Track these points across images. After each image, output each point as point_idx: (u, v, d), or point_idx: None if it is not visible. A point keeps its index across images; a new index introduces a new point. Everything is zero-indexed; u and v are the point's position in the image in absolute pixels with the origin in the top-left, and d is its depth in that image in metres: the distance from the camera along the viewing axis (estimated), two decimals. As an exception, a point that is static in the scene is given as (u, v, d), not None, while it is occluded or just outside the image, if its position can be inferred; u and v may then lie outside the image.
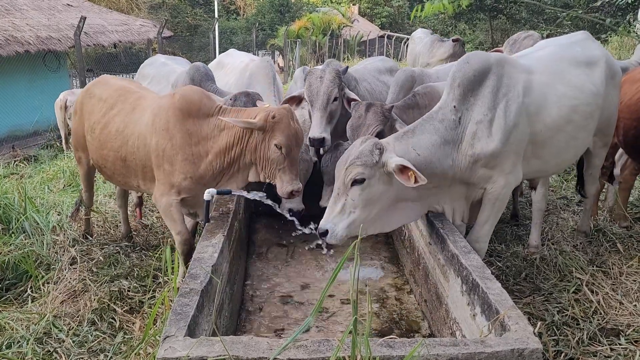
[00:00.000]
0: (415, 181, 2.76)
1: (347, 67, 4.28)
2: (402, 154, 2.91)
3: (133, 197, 4.80)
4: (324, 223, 2.89)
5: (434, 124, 3.11)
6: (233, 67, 5.39)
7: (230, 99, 3.85)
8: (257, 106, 3.76)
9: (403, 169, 2.81)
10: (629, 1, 10.42)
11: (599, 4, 11.30)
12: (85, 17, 11.08)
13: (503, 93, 3.19)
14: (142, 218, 5.02)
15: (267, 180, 3.29)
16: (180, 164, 3.28)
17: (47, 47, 11.56)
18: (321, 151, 4.25)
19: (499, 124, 3.13)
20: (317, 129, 3.93)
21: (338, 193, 2.92)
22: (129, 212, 4.73)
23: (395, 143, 3.00)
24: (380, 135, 3.41)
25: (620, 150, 4.85)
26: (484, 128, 3.12)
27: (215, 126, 3.28)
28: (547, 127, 3.37)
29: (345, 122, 4.07)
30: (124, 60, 18.27)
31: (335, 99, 4.02)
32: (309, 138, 3.96)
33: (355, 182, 2.86)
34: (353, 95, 4.09)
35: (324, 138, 3.91)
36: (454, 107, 3.15)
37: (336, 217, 2.88)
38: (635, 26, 11.02)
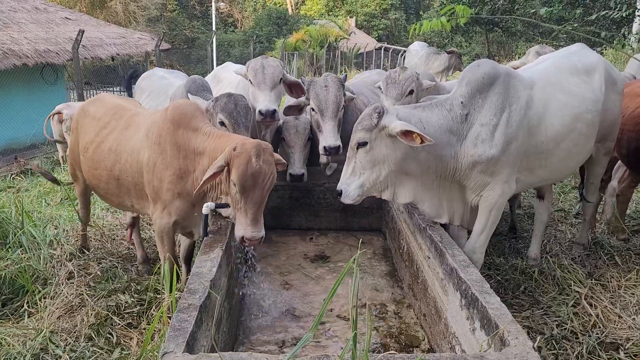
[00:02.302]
0: (422, 142, 2.92)
1: (346, 75, 4.41)
2: (408, 120, 3.07)
3: (127, 216, 4.64)
4: (339, 185, 3.18)
5: (443, 111, 3.22)
6: (229, 82, 5.39)
7: (212, 101, 3.84)
8: (240, 105, 3.76)
9: (407, 133, 2.96)
10: (624, 15, 10.52)
11: (593, 17, 11.41)
12: (84, 31, 11.12)
13: (509, 103, 3.26)
14: (131, 239, 4.62)
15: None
16: (168, 179, 3.22)
17: (45, 60, 11.57)
18: (326, 159, 4.40)
19: (501, 132, 3.19)
20: (333, 137, 4.04)
21: (349, 157, 3.18)
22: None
23: (403, 110, 3.18)
24: None
25: (618, 163, 4.87)
26: (487, 132, 3.19)
27: (201, 142, 3.18)
28: (550, 137, 3.42)
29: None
30: (121, 73, 18.31)
31: (343, 107, 4.16)
32: (324, 147, 4.04)
33: (359, 145, 3.11)
34: (349, 95, 4.27)
35: (339, 146, 4.00)
36: (462, 102, 3.23)
37: (348, 179, 3.17)
38: (629, 40, 11.13)
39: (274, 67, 4.24)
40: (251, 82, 4.24)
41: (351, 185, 3.14)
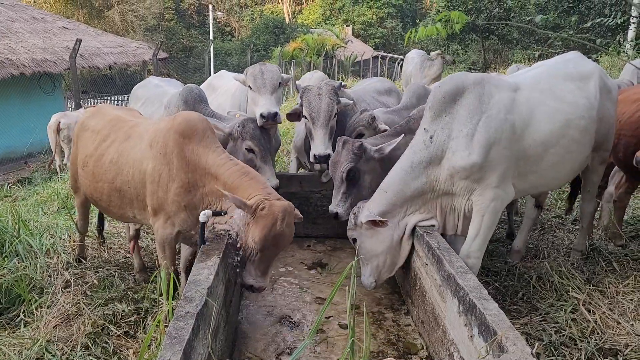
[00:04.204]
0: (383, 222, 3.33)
1: (341, 83, 4.41)
2: (376, 200, 3.41)
3: (130, 229, 4.50)
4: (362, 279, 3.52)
5: (407, 153, 3.44)
6: (225, 90, 5.40)
7: (239, 126, 3.86)
8: (264, 130, 3.87)
9: (372, 221, 3.33)
10: (619, 22, 10.59)
11: (589, 24, 11.49)
12: (81, 40, 11.16)
13: (482, 110, 3.28)
14: (134, 252, 4.50)
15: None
16: (175, 192, 3.19)
17: (42, 69, 11.61)
18: (319, 166, 4.39)
19: (478, 139, 3.23)
20: (322, 146, 4.05)
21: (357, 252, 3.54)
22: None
23: (375, 196, 3.46)
24: (351, 172, 3.69)
25: (614, 169, 4.87)
26: (459, 143, 3.26)
27: (214, 165, 3.13)
28: (538, 142, 3.42)
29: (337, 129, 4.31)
30: (119, 82, 18.35)
31: (335, 115, 4.15)
32: (314, 155, 4.05)
33: (354, 241, 3.53)
34: (344, 101, 4.28)
35: (329, 154, 4.01)
36: (424, 129, 3.39)
37: (363, 269, 3.51)
38: (625, 46, 11.19)
39: (273, 71, 4.28)
40: (251, 88, 4.26)
41: (365, 274, 3.50)
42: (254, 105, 4.21)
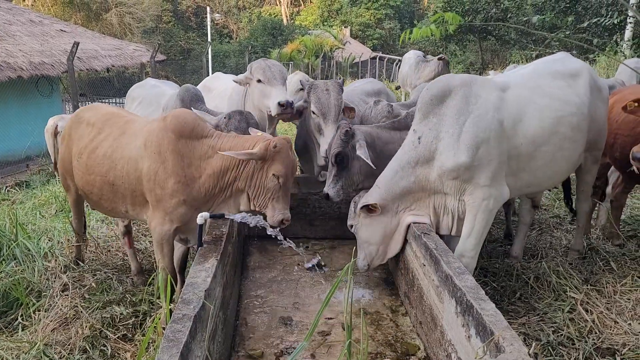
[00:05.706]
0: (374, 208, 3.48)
1: (343, 80, 4.47)
2: (371, 194, 3.53)
3: (119, 225, 4.51)
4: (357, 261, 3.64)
5: (398, 153, 3.53)
6: (221, 91, 5.40)
7: (225, 117, 3.89)
8: (250, 127, 3.84)
9: (365, 206, 3.50)
10: (615, 22, 10.61)
11: (585, 25, 11.51)
12: (79, 43, 11.14)
13: (469, 110, 3.31)
14: (133, 245, 4.55)
15: (258, 209, 3.33)
16: (172, 187, 3.25)
17: (40, 72, 11.59)
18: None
19: (464, 139, 3.26)
20: None
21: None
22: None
23: (371, 189, 3.60)
24: (339, 156, 3.79)
25: (611, 169, 4.88)
26: (446, 144, 3.30)
27: (209, 147, 3.29)
28: (529, 139, 3.44)
29: None
30: (117, 84, 18.35)
31: (342, 110, 4.23)
32: (327, 150, 4.06)
33: (351, 227, 3.71)
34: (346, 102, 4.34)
35: None
36: (413, 130, 3.46)
37: (359, 252, 3.66)
38: (622, 46, 11.20)
39: (279, 65, 4.42)
40: (260, 81, 4.29)
41: (359, 257, 3.67)
42: (264, 97, 4.26)
